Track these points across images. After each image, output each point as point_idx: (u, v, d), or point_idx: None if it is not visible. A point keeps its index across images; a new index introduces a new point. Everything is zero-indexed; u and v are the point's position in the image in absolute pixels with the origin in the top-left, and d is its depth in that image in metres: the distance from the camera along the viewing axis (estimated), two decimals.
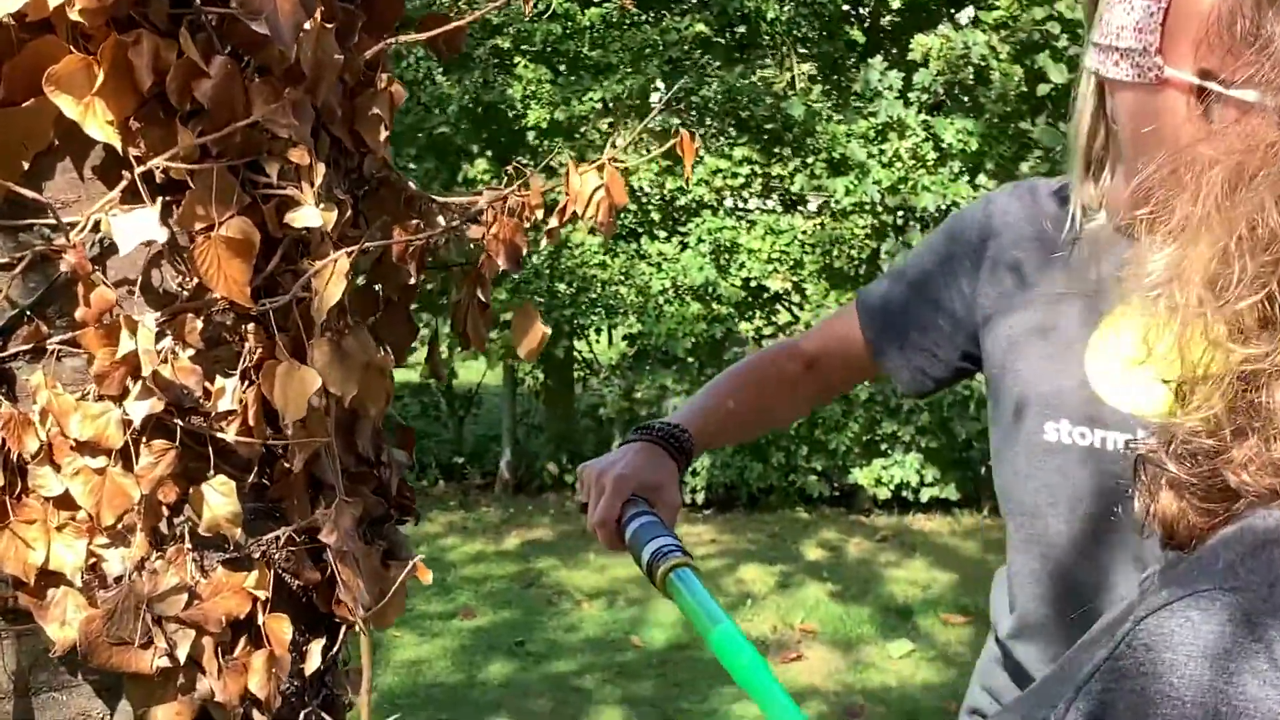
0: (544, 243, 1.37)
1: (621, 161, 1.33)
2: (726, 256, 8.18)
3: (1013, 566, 1.75)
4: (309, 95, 1.19)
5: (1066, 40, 7.83)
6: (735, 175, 8.14)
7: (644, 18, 8.38)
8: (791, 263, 8.23)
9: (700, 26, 8.06)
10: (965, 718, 1.85)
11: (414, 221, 1.28)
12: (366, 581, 1.27)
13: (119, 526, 1.16)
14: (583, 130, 7.99)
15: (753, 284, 8.23)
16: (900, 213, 8.29)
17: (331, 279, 1.19)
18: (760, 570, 7.37)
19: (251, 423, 1.19)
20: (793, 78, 8.09)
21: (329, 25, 1.19)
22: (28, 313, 1.14)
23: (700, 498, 8.44)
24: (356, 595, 1.24)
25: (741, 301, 8.26)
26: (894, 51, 8.44)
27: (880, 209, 8.09)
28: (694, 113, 8.36)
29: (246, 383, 1.19)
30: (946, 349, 1.85)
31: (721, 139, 8.22)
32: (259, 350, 1.20)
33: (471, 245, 1.34)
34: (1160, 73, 1.10)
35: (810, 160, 8.07)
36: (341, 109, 1.24)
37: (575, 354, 9.07)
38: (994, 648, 1.87)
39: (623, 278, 8.16)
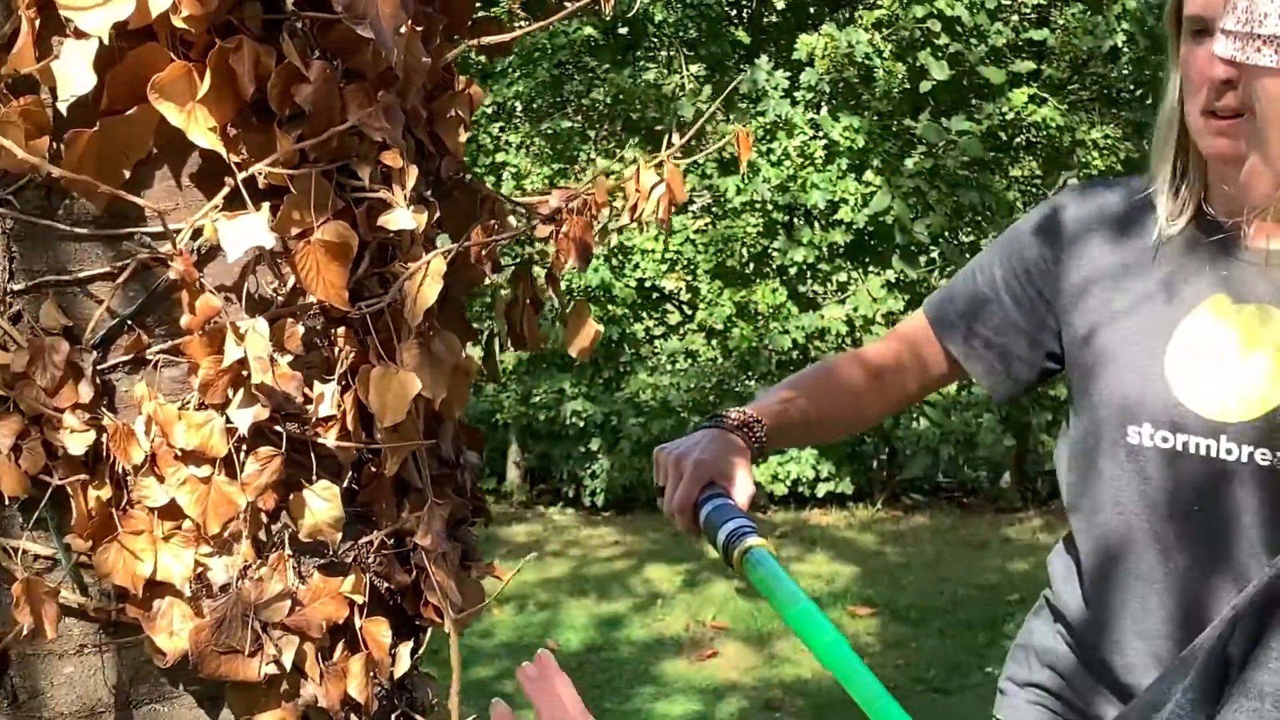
0: (613, 240, 1.38)
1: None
2: (621, 257, 8.21)
3: (1083, 555, 1.79)
4: (399, 99, 1.19)
5: (947, 38, 8.00)
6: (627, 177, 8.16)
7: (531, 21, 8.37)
8: (685, 262, 8.29)
9: (588, 29, 8.08)
10: (1020, 690, 1.87)
11: (491, 222, 1.29)
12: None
13: (225, 535, 1.15)
14: (474, 135, 7.96)
15: (647, 284, 8.28)
16: (790, 210, 8.39)
17: (425, 281, 1.20)
18: (666, 570, 7.41)
19: (350, 427, 1.19)
20: (683, 79, 8.15)
21: (417, 29, 1.19)
22: (128, 322, 1.13)
23: (600, 500, 8.46)
24: (450, 597, 1.25)
25: (635, 303, 8.30)
26: (779, 51, 8.55)
27: (770, 207, 8.18)
28: (583, 116, 8.38)
29: (343, 388, 1.20)
30: (1028, 349, 1.87)
31: (611, 141, 8.26)
32: (352, 355, 1.20)
33: (537, 244, 1.35)
34: None
35: (701, 160, 8.14)
36: (423, 112, 1.25)
37: None
38: (1054, 625, 1.90)
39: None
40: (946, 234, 8.23)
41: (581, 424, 8.32)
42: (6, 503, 1.14)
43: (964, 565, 7.41)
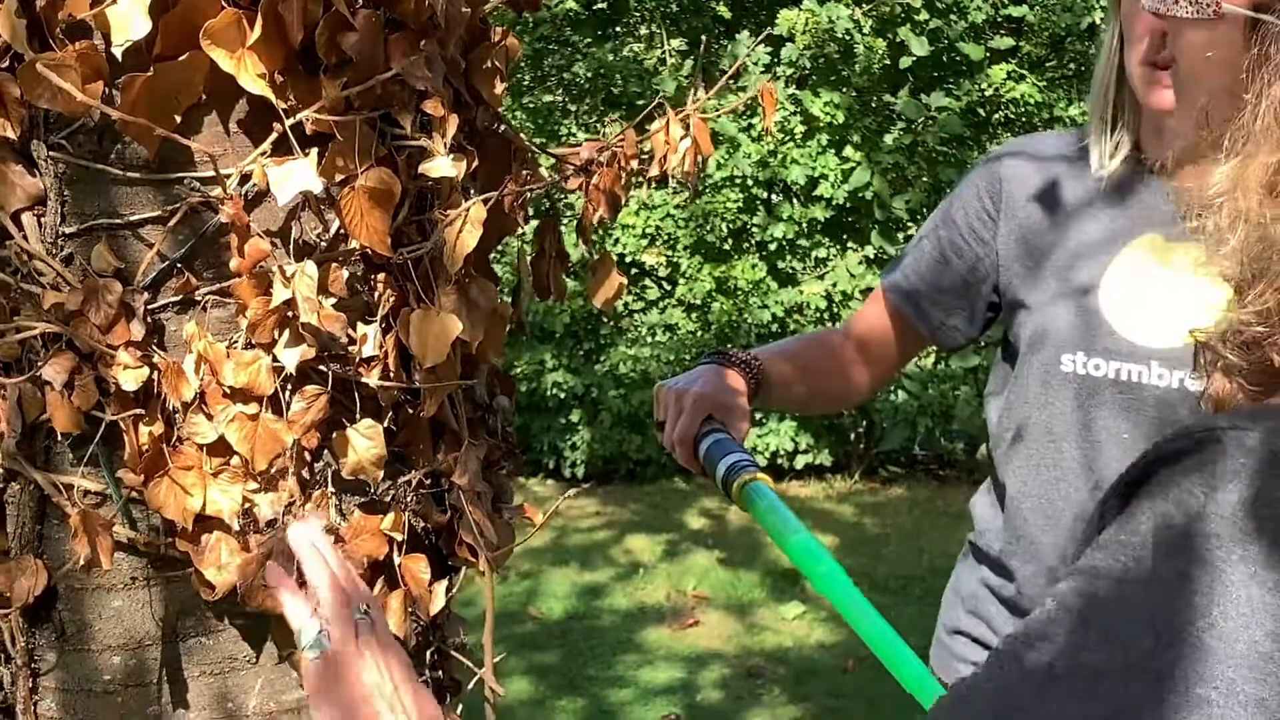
0: (643, 192, 1.42)
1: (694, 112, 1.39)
2: (601, 232, 8.23)
3: (1012, 489, 1.86)
4: (440, 48, 1.22)
5: (927, 14, 8.04)
6: None
7: None
8: (665, 237, 8.32)
9: (570, 3, 8.09)
10: (949, 637, 1.93)
11: (525, 173, 1.32)
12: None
13: (271, 472, 1.18)
14: None
15: (627, 259, 8.30)
16: (769, 186, 8.42)
17: (465, 228, 1.23)
18: (647, 540, 7.45)
19: (391, 368, 1.22)
20: (663, 54, 8.16)
21: None
22: (177, 265, 1.16)
23: (580, 471, 8.49)
24: (488, 536, 1.28)
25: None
26: (759, 26, 8.57)
27: (750, 182, 8.22)
28: (564, 90, 8.40)
29: (384, 330, 1.23)
30: (974, 301, 1.96)
31: (593, 115, 8.27)
32: (393, 299, 1.23)
33: (568, 195, 1.39)
34: (1218, 8, 1.20)
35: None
36: (461, 62, 1.28)
37: None
38: (979, 567, 1.97)
39: (497, 255, 8.17)
40: (925, 210, 8.27)
41: (562, 396, 8.36)
42: (59, 439, 1.17)
43: (942, 535, 7.48)
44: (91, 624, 1.20)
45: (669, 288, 8.60)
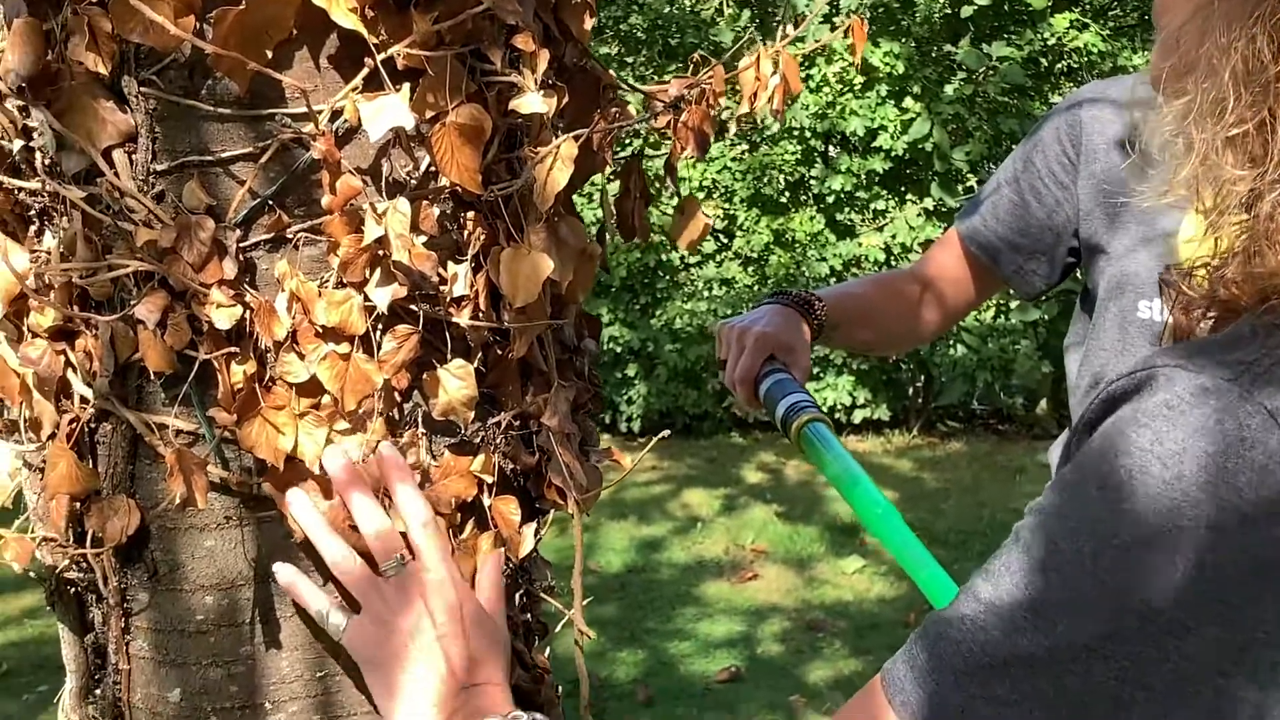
0: (732, 129, 1.40)
1: (794, 49, 1.37)
2: (657, 184, 8.19)
3: None
4: None
5: None
6: None
7: None
8: (722, 190, 8.28)
9: None
10: None
11: (613, 109, 1.30)
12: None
13: (359, 412, 1.17)
14: None
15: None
16: (827, 138, 8.36)
17: (556, 165, 1.21)
18: (704, 495, 7.46)
19: (482, 308, 1.21)
20: (721, 4, 8.10)
21: None
22: (269, 202, 1.15)
23: (636, 425, 8.50)
24: (577, 478, 1.27)
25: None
26: None
27: (808, 134, 8.15)
28: (620, 42, 8.35)
29: (475, 269, 1.21)
30: (1055, 247, 1.93)
31: (650, 67, 8.23)
32: (483, 237, 1.22)
33: (657, 134, 1.37)
34: None
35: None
36: None
37: None
38: None
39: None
40: (986, 161, 8.19)
41: (618, 350, 8.36)
42: (151, 378, 1.17)
43: (1001, 490, 7.45)
44: (184, 564, 1.20)
45: (726, 241, 8.56)
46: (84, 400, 1.18)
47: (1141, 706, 0.75)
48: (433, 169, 1.18)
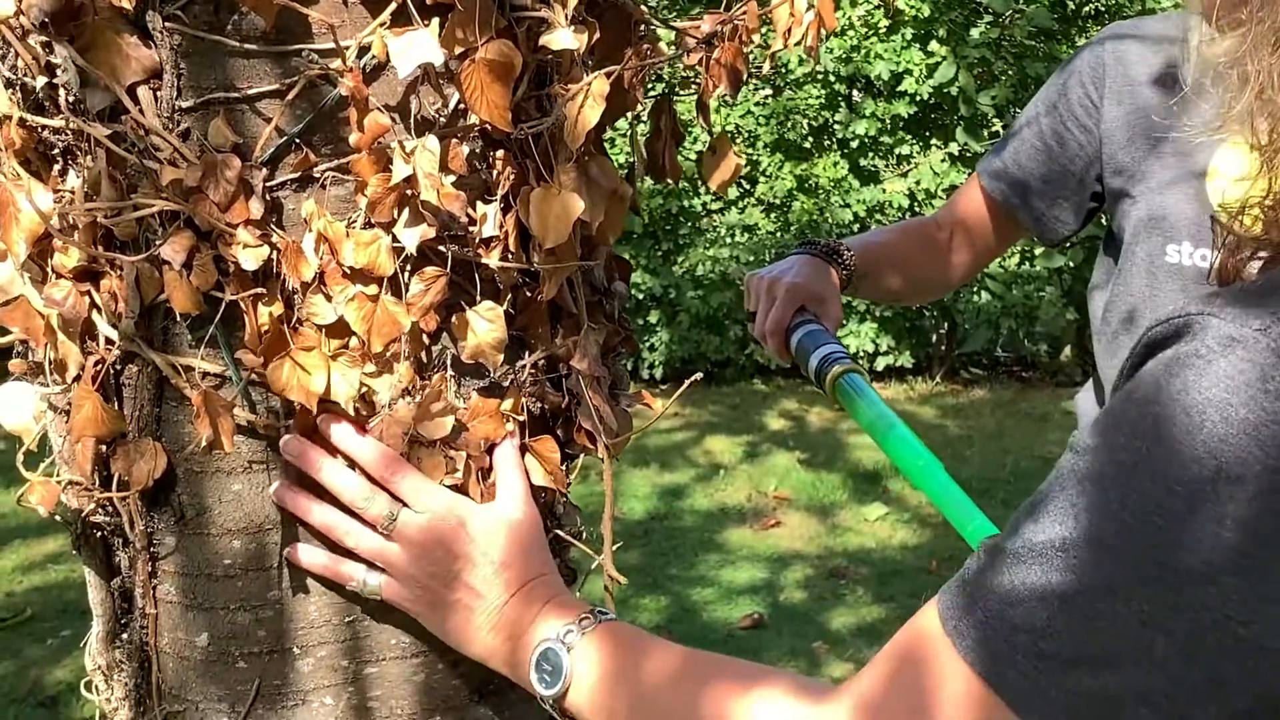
0: (766, 67, 1.38)
1: None
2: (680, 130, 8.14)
3: (1116, 382, 1.81)
4: None
5: None
6: None
7: None
8: (745, 135, 8.22)
9: None
10: None
11: (645, 47, 1.27)
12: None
13: (387, 355, 1.16)
14: None
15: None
16: (851, 82, 8.28)
17: (587, 103, 1.18)
18: (727, 441, 7.45)
19: (511, 249, 1.19)
20: None
21: None
22: (295, 140, 1.13)
23: (659, 373, 8.49)
24: (607, 422, 1.25)
25: (693, 176, 8.25)
26: None
27: (833, 78, 8.08)
28: None
29: (504, 209, 1.19)
30: (1075, 192, 1.91)
31: (673, 11, 8.15)
32: (512, 177, 1.20)
33: (690, 71, 1.34)
34: None
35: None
36: None
37: None
38: None
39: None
40: (1012, 105, 8.12)
41: (640, 297, 8.33)
42: (177, 320, 1.15)
43: (1025, 437, 7.43)
44: (211, 508, 1.19)
45: (748, 186, 8.51)
46: (109, 342, 1.17)
47: (1162, 651, 0.75)
48: (462, 106, 1.16)
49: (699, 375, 1.31)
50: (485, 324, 1.18)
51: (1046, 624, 0.78)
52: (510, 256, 1.20)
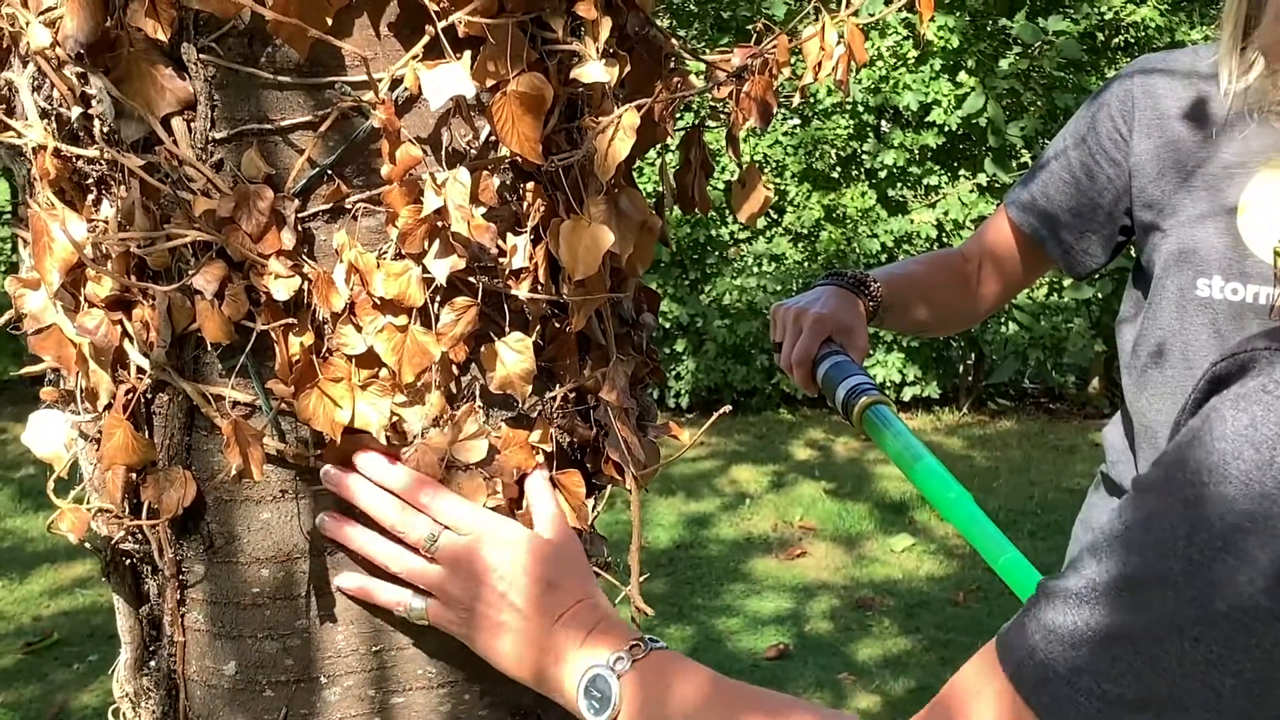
0: (796, 99, 1.38)
1: (858, 20, 1.34)
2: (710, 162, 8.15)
3: (1147, 416, 1.80)
4: None
5: None
6: None
7: None
8: (773, 165, 8.23)
9: None
10: None
11: (675, 79, 1.28)
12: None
13: (418, 385, 1.16)
14: None
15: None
16: (880, 112, 8.29)
17: (617, 135, 1.19)
18: (753, 471, 7.43)
19: (541, 280, 1.19)
20: None
21: None
22: (328, 172, 1.14)
23: (685, 401, 8.48)
24: (635, 452, 1.25)
25: (721, 205, 8.28)
26: None
27: (861, 109, 8.09)
28: (672, 15, 8.30)
29: (534, 241, 1.20)
30: (1106, 224, 1.90)
31: (702, 41, 8.18)
32: (542, 209, 1.20)
33: (717, 104, 1.34)
34: None
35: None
36: None
37: None
38: (1110, 499, 1.92)
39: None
40: (1040, 136, 8.11)
41: (667, 325, 8.33)
42: (208, 349, 1.16)
43: (1052, 469, 7.39)
44: (240, 536, 1.19)
45: (776, 216, 8.52)
46: (140, 371, 1.18)
47: (1230, 692, 0.73)
48: (493, 139, 1.17)
49: (727, 408, 1.31)
50: (514, 355, 1.18)
51: (1110, 666, 0.77)
52: (540, 288, 1.20)
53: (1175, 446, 0.80)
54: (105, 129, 1.14)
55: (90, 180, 1.18)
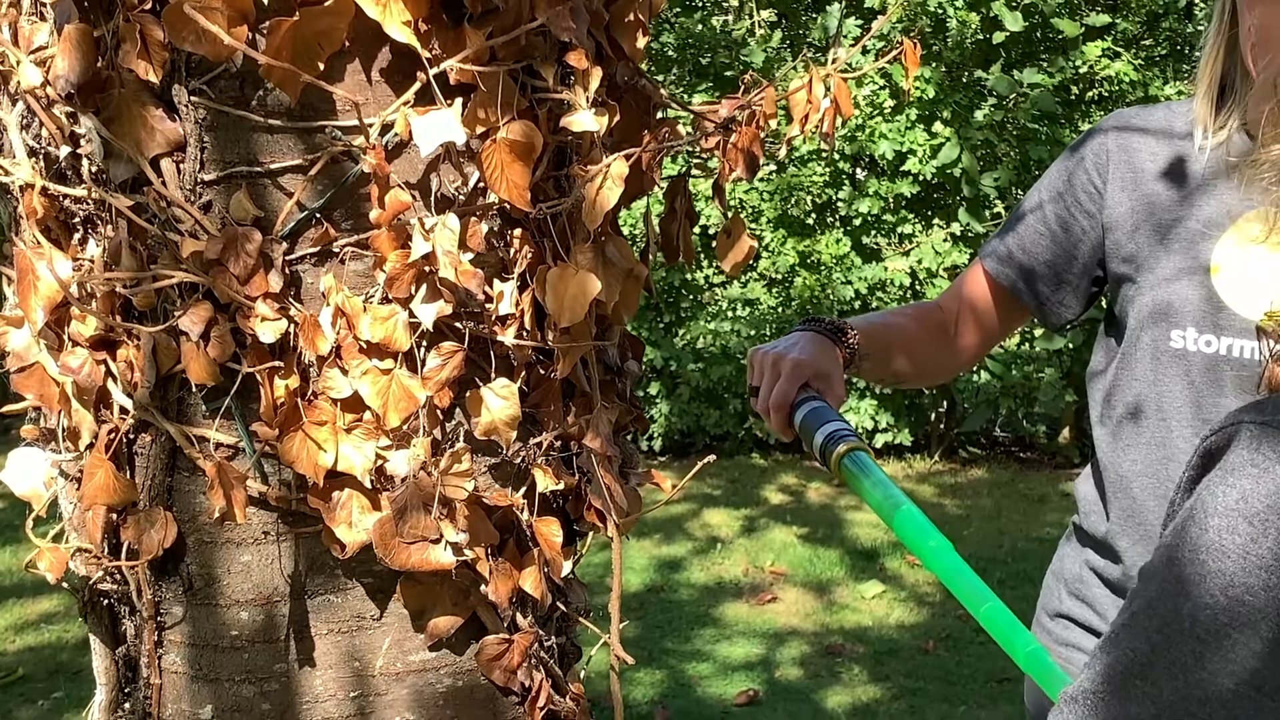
0: (782, 152, 1.39)
1: (844, 73, 1.35)
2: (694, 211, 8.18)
3: (1121, 468, 1.81)
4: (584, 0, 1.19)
5: None
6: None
7: None
8: (749, 211, 8.26)
9: None
10: (1052, 620, 1.90)
11: (663, 129, 1.29)
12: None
13: (403, 429, 1.16)
14: None
15: (710, 231, 8.26)
16: (855, 160, 8.34)
17: (605, 184, 1.20)
18: (725, 515, 7.42)
19: (527, 327, 1.20)
20: (752, 24, 8.10)
21: None
22: (316, 215, 1.14)
23: (657, 444, 8.46)
24: (618, 500, 1.25)
25: (696, 250, 8.27)
26: None
27: (837, 157, 8.13)
28: (651, 60, 8.34)
29: (520, 287, 1.20)
30: (1082, 277, 1.92)
31: (680, 86, 8.22)
32: (529, 255, 1.21)
33: (704, 155, 1.35)
34: None
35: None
36: (604, 14, 1.25)
37: None
38: (1083, 550, 1.92)
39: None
40: (1014, 187, 8.15)
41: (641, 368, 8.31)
42: (192, 390, 1.16)
43: (1023, 518, 7.40)
44: (220, 578, 1.18)
45: (751, 261, 8.54)
46: (124, 411, 1.17)
47: None
48: (482, 185, 1.17)
49: (712, 457, 1.31)
50: (499, 401, 1.18)
51: None
52: (525, 334, 1.20)
53: (1172, 529, 0.80)
54: (94, 168, 1.14)
55: (77, 219, 1.18)
